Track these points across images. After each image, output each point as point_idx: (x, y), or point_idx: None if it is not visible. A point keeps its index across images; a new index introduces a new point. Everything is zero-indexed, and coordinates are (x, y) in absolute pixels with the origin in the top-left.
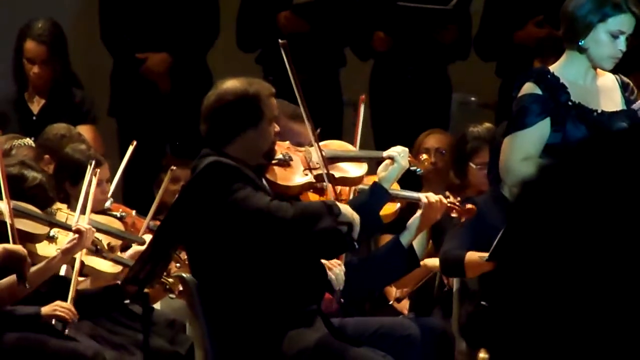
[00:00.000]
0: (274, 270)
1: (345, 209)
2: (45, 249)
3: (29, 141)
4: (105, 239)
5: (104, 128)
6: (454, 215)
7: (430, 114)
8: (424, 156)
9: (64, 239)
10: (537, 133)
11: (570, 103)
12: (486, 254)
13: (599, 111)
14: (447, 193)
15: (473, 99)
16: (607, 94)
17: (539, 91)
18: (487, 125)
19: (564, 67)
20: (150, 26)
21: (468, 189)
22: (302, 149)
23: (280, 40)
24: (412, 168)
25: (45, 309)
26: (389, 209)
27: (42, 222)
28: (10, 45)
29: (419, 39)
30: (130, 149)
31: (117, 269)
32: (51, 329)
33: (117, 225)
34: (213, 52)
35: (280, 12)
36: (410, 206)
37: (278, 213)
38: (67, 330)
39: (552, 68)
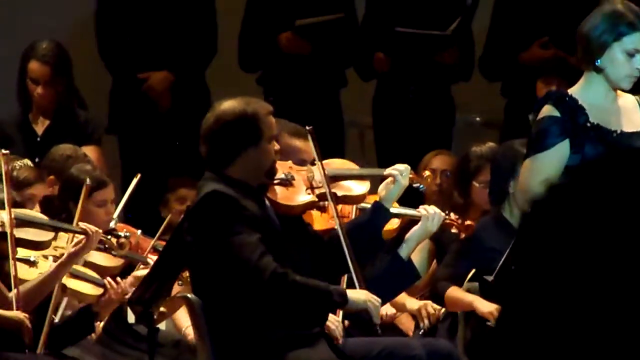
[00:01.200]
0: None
1: (357, 295)
2: (26, 273)
3: (27, 162)
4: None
5: (104, 146)
6: (454, 230)
7: (434, 135)
8: (427, 172)
9: (45, 264)
10: (557, 155)
11: (588, 124)
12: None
13: (618, 132)
14: (448, 212)
15: (478, 119)
16: (627, 114)
17: (557, 113)
18: (490, 144)
19: (583, 89)
20: (148, 44)
21: (472, 208)
22: (305, 168)
23: (307, 127)
24: (414, 185)
25: None
26: (389, 226)
27: (47, 228)
28: (13, 66)
29: (420, 60)
30: (134, 181)
31: (99, 291)
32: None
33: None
34: (211, 71)
35: (282, 32)
36: (409, 223)
37: (264, 271)
38: None
39: (571, 91)
